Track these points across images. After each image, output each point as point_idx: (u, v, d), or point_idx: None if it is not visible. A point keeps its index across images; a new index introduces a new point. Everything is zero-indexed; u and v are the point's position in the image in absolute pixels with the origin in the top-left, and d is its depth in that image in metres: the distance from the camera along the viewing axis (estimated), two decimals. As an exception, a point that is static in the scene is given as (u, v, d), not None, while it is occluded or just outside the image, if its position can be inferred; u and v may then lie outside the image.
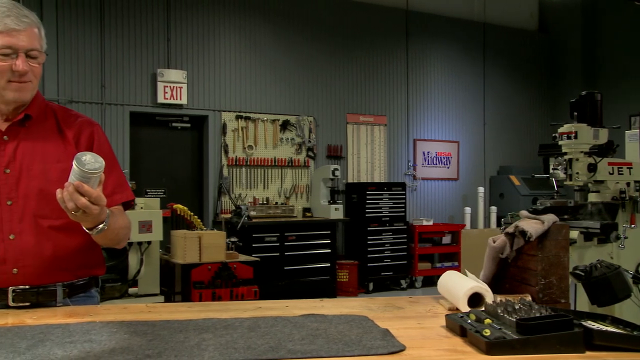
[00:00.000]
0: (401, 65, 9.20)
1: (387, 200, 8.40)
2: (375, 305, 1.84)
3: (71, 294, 1.90)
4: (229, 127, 7.80)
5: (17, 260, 1.81)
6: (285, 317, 1.65)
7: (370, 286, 8.26)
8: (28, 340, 1.41)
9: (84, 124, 1.94)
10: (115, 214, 1.84)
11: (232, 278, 4.60)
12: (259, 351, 1.32)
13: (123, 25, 7.27)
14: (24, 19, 1.77)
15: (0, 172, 1.82)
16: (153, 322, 1.61)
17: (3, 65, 1.75)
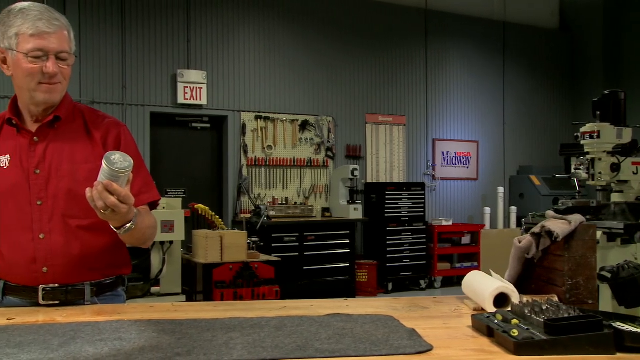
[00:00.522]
0: (420, 65, 9.18)
1: (406, 200, 8.38)
2: (400, 305, 1.85)
3: (99, 292, 1.92)
4: (249, 127, 7.84)
5: (46, 259, 1.84)
6: (310, 317, 1.66)
7: (390, 286, 8.24)
8: (60, 337, 1.44)
9: (111, 124, 1.96)
10: (142, 213, 1.85)
11: (253, 278, 4.62)
12: (287, 350, 1.32)
13: (144, 26, 7.33)
14: (55, 22, 1.80)
15: (31, 172, 1.85)
16: (180, 320, 1.62)
17: (34, 67, 1.78)
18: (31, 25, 1.77)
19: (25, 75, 1.80)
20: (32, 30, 1.77)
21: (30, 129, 1.89)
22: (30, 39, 1.77)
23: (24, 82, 1.82)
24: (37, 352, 1.31)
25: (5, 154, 1.88)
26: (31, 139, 1.88)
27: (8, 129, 1.91)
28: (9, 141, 1.89)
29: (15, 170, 1.85)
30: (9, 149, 1.88)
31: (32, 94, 1.83)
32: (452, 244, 8.81)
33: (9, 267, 1.86)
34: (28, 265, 1.84)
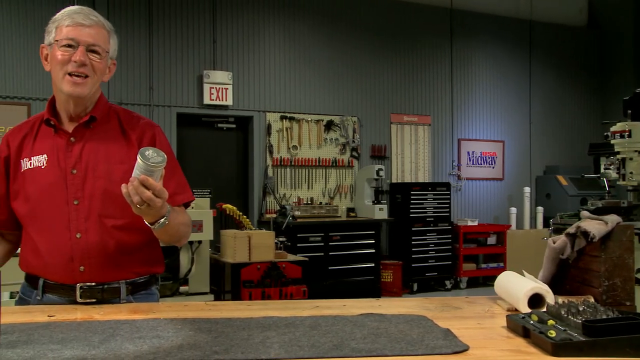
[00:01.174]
0: (445, 65, 9.13)
1: (431, 200, 8.34)
2: (432, 305, 1.85)
3: (133, 291, 1.95)
4: (274, 127, 7.87)
5: (83, 258, 1.87)
6: (344, 316, 1.67)
7: (415, 286, 8.22)
8: (99, 334, 1.47)
9: (146, 125, 1.99)
10: (176, 211, 1.88)
11: (281, 277, 4.64)
12: (324, 349, 1.34)
13: (170, 28, 7.40)
14: (93, 17, 1.85)
15: (68, 172, 1.88)
16: (215, 319, 1.64)
17: (64, 55, 1.81)
18: (68, 17, 1.83)
19: (56, 64, 1.83)
20: (68, 21, 1.82)
21: (67, 129, 1.92)
22: (65, 29, 1.82)
23: (54, 73, 1.85)
24: (79, 349, 1.34)
25: (43, 154, 1.90)
26: (68, 139, 1.90)
27: (45, 129, 1.93)
28: (46, 141, 1.92)
29: (52, 170, 1.88)
30: (46, 149, 1.91)
31: (60, 85, 1.85)
32: (477, 244, 8.75)
33: (47, 266, 1.89)
34: (66, 264, 1.87)
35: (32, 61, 6.70)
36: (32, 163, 1.91)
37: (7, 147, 1.96)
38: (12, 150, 1.95)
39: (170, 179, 1.95)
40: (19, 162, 1.93)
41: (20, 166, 1.92)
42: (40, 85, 6.74)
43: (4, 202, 1.96)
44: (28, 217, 1.92)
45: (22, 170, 1.92)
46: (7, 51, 6.63)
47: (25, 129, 1.97)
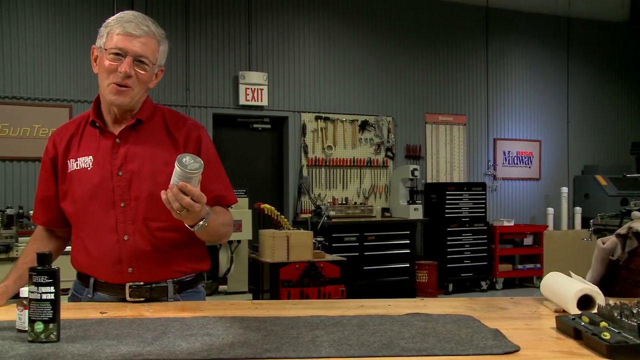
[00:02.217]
0: (481, 64, 9.04)
1: (466, 200, 8.28)
2: (477, 305, 1.84)
3: (180, 289, 1.98)
4: (309, 127, 7.90)
5: (131, 260, 1.90)
6: (391, 316, 1.68)
7: (450, 287, 8.16)
8: (152, 331, 1.50)
9: (192, 127, 2.00)
10: (216, 211, 1.89)
11: (319, 277, 4.66)
12: (373, 348, 1.34)
13: (206, 30, 7.49)
14: (144, 27, 1.85)
15: (114, 174, 1.89)
16: (264, 318, 1.66)
17: (112, 64, 1.83)
18: (120, 25, 1.84)
19: (103, 71, 1.86)
20: (119, 30, 1.83)
21: (112, 130, 1.93)
22: (115, 37, 1.83)
23: (101, 78, 1.88)
24: (134, 345, 1.37)
25: (89, 155, 1.92)
26: (114, 141, 1.92)
27: (91, 129, 1.95)
28: (92, 142, 1.94)
29: (98, 172, 1.90)
30: (92, 151, 1.92)
31: (104, 92, 1.88)
32: (513, 244, 8.66)
33: (96, 266, 1.93)
34: (114, 265, 1.90)
35: (73, 64, 6.85)
36: (78, 164, 1.93)
37: (53, 148, 1.99)
38: (59, 150, 1.97)
39: (215, 180, 1.98)
40: (66, 162, 1.95)
41: (67, 167, 1.95)
42: (82, 88, 6.88)
43: (53, 201, 2.00)
44: (76, 218, 1.96)
45: (69, 170, 1.94)
46: (50, 55, 6.78)
47: (71, 129, 2.00)
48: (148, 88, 1.96)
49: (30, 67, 6.70)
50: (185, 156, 1.66)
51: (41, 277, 1.42)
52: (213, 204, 1.94)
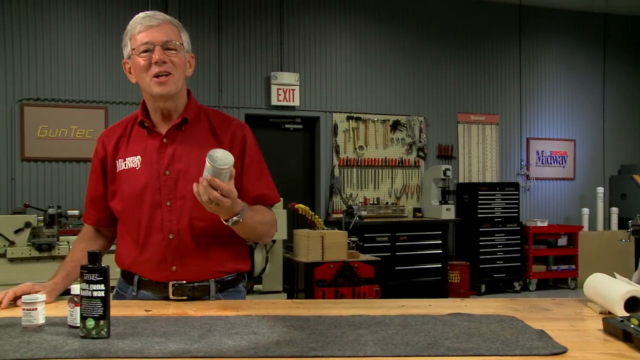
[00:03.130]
0: (513, 62, 8.94)
1: (499, 200, 8.19)
2: (519, 306, 1.83)
3: (222, 289, 2.00)
4: (340, 127, 7.90)
5: (175, 258, 1.93)
6: (433, 316, 1.68)
7: (482, 288, 8.09)
8: (197, 329, 1.52)
9: (237, 127, 2.02)
10: (255, 209, 1.91)
11: (354, 277, 4.66)
12: (418, 348, 1.35)
13: (239, 31, 7.55)
14: (159, 16, 1.91)
15: (161, 174, 1.93)
16: (306, 317, 1.68)
17: (145, 60, 1.88)
18: (138, 25, 1.90)
19: (140, 72, 1.90)
20: (139, 28, 1.89)
21: (159, 131, 1.98)
22: (138, 36, 1.88)
23: (141, 80, 1.92)
24: (182, 342, 1.40)
25: (137, 155, 1.96)
26: (161, 141, 1.95)
27: (138, 130, 2.00)
28: (139, 143, 1.98)
29: (146, 171, 1.94)
30: (140, 150, 1.97)
31: (148, 89, 1.91)
32: (547, 245, 8.53)
33: (141, 264, 1.96)
34: (159, 263, 1.93)
35: (109, 67, 6.97)
36: (126, 164, 1.97)
37: (102, 149, 2.04)
38: (107, 151, 2.02)
39: (257, 179, 2.00)
40: (115, 162, 2.00)
41: (116, 167, 2.00)
42: (117, 90, 7.00)
43: (102, 201, 2.05)
44: (123, 217, 2.00)
45: (118, 170, 1.99)
46: (87, 57, 6.91)
47: (119, 131, 2.04)
48: (187, 76, 1.98)
49: (68, 69, 6.84)
50: (218, 151, 1.68)
51: (92, 275, 1.46)
52: (254, 203, 1.96)
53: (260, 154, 2.05)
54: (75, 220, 5.91)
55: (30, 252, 4.03)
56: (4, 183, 6.56)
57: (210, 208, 1.70)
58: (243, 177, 1.98)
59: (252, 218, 1.86)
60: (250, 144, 2.02)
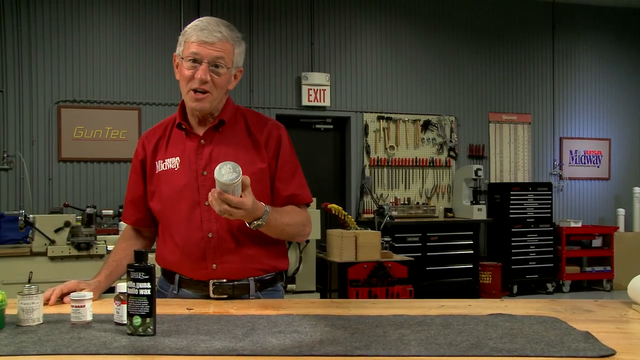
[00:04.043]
0: (546, 61, 8.83)
1: (532, 200, 8.10)
2: (560, 307, 1.82)
3: (261, 287, 2.02)
4: (371, 127, 7.90)
5: (215, 257, 1.96)
6: (474, 316, 1.68)
7: (514, 289, 8.01)
8: (241, 328, 1.54)
9: (273, 127, 2.05)
10: (284, 211, 1.93)
11: (387, 277, 4.66)
12: (462, 348, 1.35)
13: (270, 31, 7.59)
14: (217, 34, 1.90)
15: (199, 174, 1.96)
16: (347, 316, 1.69)
17: (189, 72, 1.90)
18: (195, 33, 1.90)
19: (182, 79, 1.94)
20: (194, 38, 1.90)
21: (197, 132, 2.01)
22: (191, 45, 1.90)
23: (181, 87, 1.96)
24: (226, 340, 1.42)
25: (175, 156, 2.00)
26: (199, 142, 1.99)
27: (177, 132, 2.04)
28: (178, 144, 2.02)
29: (184, 172, 1.98)
30: (179, 152, 2.01)
31: (184, 99, 1.97)
32: (581, 246, 8.41)
33: (181, 263, 1.99)
34: (199, 262, 1.96)
35: (142, 69, 7.07)
36: (165, 165, 2.01)
37: (143, 150, 2.08)
38: (147, 152, 2.07)
39: (289, 180, 2.02)
40: (154, 164, 2.04)
41: (155, 168, 2.04)
42: (150, 91, 7.10)
43: (142, 202, 2.09)
44: (163, 217, 2.04)
45: (157, 171, 2.03)
46: (121, 60, 7.02)
47: (158, 132, 2.09)
48: (228, 89, 2.01)
49: (103, 72, 6.96)
50: (226, 165, 1.69)
51: (138, 274, 1.49)
52: (286, 203, 2.00)
53: (294, 154, 2.07)
54: (110, 220, 6.01)
55: (69, 250, 4.12)
56: (42, 183, 6.70)
57: (226, 216, 1.73)
58: (276, 176, 2.01)
59: (278, 220, 1.88)
60: (285, 144, 2.04)
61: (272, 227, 1.85)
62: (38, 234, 4.09)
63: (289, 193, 2.01)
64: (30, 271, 4.03)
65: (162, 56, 7.14)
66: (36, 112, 6.71)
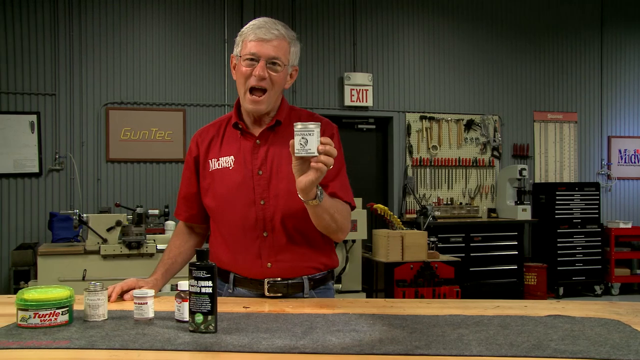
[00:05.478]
0: (594, 57, 8.63)
1: (578, 201, 7.94)
2: (621, 309, 1.79)
3: (314, 286, 2.04)
4: (413, 127, 7.86)
5: (270, 255, 1.98)
6: (532, 317, 1.66)
7: (560, 291, 7.86)
8: (299, 326, 1.56)
9: (326, 125, 2.06)
10: (333, 199, 1.92)
11: (434, 277, 4.64)
12: (524, 348, 1.34)
13: (312, 32, 7.63)
14: (274, 31, 1.95)
15: (254, 173, 1.99)
16: (403, 316, 1.69)
17: (247, 70, 1.94)
18: (252, 32, 1.95)
19: (240, 77, 1.97)
20: (252, 37, 1.94)
21: (253, 132, 2.04)
22: (248, 44, 1.94)
23: (239, 86, 1.99)
24: (287, 338, 1.43)
25: (230, 155, 2.03)
26: (254, 142, 2.02)
27: (232, 131, 2.07)
28: (233, 143, 2.05)
29: (239, 171, 2.00)
30: (233, 151, 2.04)
31: (242, 100, 1.99)
32: (631, 248, 8.20)
33: (236, 262, 2.02)
34: (254, 260, 1.99)
35: (187, 71, 7.18)
36: (220, 164, 2.04)
37: (196, 148, 2.12)
38: (201, 150, 2.10)
39: (334, 177, 2.01)
40: (207, 162, 2.07)
41: (209, 166, 2.07)
42: (194, 93, 7.20)
43: (194, 198, 2.13)
44: (217, 215, 2.07)
45: (211, 169, 2.06)
46: (167, 62, 7.15)
47: (212, 131, 2.12)
48: (284, 88, 2.03)
49: (149, 74, 7.09)
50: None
51: (200, 272, 1.52)
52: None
53: (342, 155, 2.06)
54: (156, 219, 6.12)
55: (121, 249, 4.22)
56: (91, 183, 6.86)
57: (308, 179, 1.69)
58: None
59: (329, 204, 1.87)
60: (336, 144, 2.04)
61: (324, 209, 1.83)
62: (91, 233, 4.20)
63: (332, 190, 1.99)
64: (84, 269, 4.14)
65: (206, 58, 7.24)
66: (86, 114, 6.88)
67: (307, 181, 1.70)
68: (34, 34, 6.76)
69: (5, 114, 6.66)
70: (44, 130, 6.75)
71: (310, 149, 1.67)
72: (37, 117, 6.71)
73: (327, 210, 1.86)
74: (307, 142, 1.67)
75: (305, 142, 1.67)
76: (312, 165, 1.68)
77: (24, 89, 6.72)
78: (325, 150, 1.67)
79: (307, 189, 1.72)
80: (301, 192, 1.75)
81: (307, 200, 1.77)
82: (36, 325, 1.53)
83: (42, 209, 6.71)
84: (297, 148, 1.68)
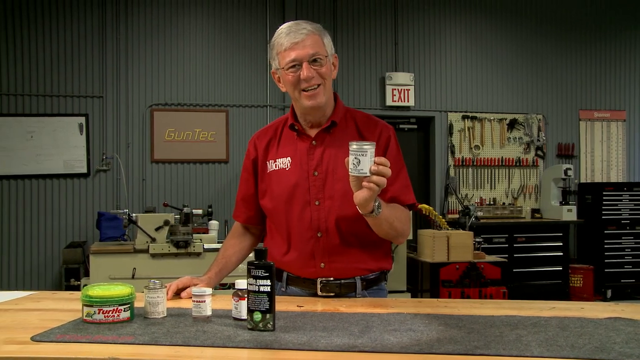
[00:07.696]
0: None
1: (627, 201, 7.75)
2: (682, 312, 1.75)
3: (367, 286, 2.05)
4: (455, 127, 7.79)
5: (324, 255, 2.00)
6: (591, 319, 1.64)
7: (608, 293, 7.68)
8: (355, 325, 1.57)
9: (383, 128, 2.08)
10: (391, 206, 1.93)
11: (480, 278, 4.60)
12: (586, 351, 1.32)
13: (354, 32, 7.62)
14: (302, 30, 1.96)
15: (310, 174, 2.02)
16: (459, 316, 1.69)
17: (294, 76, 1.96)
18: (283, 41, 1.96)
19: (289, 86, 1.99)
20: (285, 46, 1.96)
21: (309, 133, 2.07)
22: (285, 53, 1.96)
23: (291, 92, 2.01)
24: (345, 337, 1.45)
25: (287, 157, 2.06)
26: (310, 143, 2.04)
27: (288, 133, 2.10)
28: (289, 145, 2.08)
29: (296, 172, 2.03)
30: (290, 152, 2.06)
31: (298, 103, 2.01)
32: (682, 250, 7.98)
33: (290, 261, 2.05)
34: (307, 260, 2.01)
35: (229, 72, 7.26)
36: (277, 165, 2.07)
37: (254, 150, 2.15)
38: (259, 152, 2.13)
39: (394, 180, 2.02)
40: (265, 163, 2.11)
41: (267, 167, 2.10)
42: (236, 94, 7.28)
43: (253, 200, 2.16)
44: (273, 215, 2.10)
45: (268, 171, 2.09)
46: (210, 64, 7.24)
47: (270, 133, 2.15)
48: (332, 78, 2.04)
49: (193, 75, 7.20)
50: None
51: (259, 271, 1.55)
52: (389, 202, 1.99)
53: (400, 156, 2.08)
54: (199, 219, 6.20)
55: (169, 248, 4.30)
56: (137, 183, 7.00)
57: (362, 196, 1.71)
58: None
59: (390, 212, 1.88)
60: (392, 145, 2.06)
61: (383, 220, 1.84)
62: (140, 232, 4.29)
63: (392, 194, 2.01)
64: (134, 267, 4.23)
65: (248, 60, 7.31)
66: (131, 116, 7.02)
67: (362, 198, 1.72)
68: (83, 39, 6.93)
69: (55, 116, 6.84)
70: (92, 131, 6.91)
71: (363, 169, 1.69)
72: (85, 119, 6.87)
73: (387, 219, 1.87)
74: (360, 162, 1.69)
75: (357, 162, 1.69)
76: (364, 185, 1.70)
77: (73, 92, 6.90)
78: (378, 171, 1.68)
79: (362, 205, 1.75)
80: (358, 207, 1.77)
81: (365, 213, 1.80)
82: (100, 320, 1.58)
83: (90, 208, 6.87)
84: (350, 167, 1.70)
